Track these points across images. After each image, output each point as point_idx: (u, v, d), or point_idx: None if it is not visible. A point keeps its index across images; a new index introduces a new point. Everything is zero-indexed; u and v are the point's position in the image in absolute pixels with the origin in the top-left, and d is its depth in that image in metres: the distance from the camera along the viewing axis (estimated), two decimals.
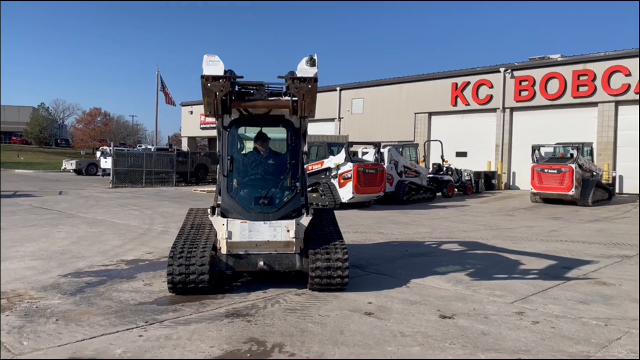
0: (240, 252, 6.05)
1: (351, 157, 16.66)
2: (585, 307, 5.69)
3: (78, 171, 36.97)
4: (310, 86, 5.17)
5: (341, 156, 16.79)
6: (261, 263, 5.99)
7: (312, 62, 5.84)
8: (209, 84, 5.14)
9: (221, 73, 5.91)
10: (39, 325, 4.81)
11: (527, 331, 4.84)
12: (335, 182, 16.35)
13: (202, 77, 5.23)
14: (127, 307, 5.42)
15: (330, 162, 16.89)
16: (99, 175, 34.95)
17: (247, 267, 6.06)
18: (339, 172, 16.28)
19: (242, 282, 6.53)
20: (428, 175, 21.21)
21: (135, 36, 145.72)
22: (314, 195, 15.95)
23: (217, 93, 5.17)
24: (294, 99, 5.28)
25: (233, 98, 5.43)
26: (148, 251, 8.65)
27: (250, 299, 5.76)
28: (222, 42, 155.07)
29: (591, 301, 5.93)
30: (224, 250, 6.04)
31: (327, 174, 16.63)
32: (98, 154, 40.14)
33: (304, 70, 5.95)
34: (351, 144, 17.69)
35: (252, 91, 6.17)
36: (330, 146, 19.36)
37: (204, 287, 5.78)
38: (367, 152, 19.31)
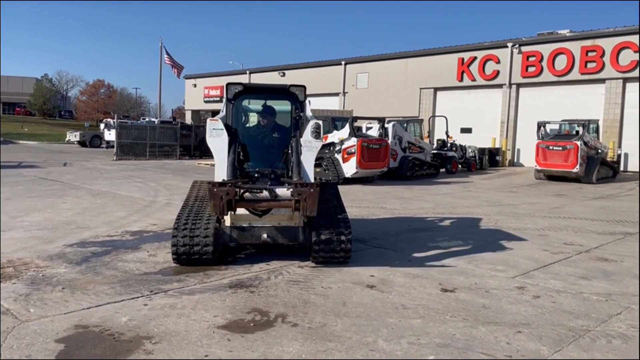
0: (244, 225, 6.08)
1: (355, 132, 16.60)
2: (586, 282, 5.73)
3: (82, 143, 36.99)
4: (312, 190, 5.31)
5: (345, 131, 16.74)
6: (265, 235, 6.02)
7: (316, 134, 6.05)
8: (215, 189, 5.25)
9: (225, 145, 6.08)
10: (46, 293, 4.87)
11: (527, 305, 4.89)
12: (339, 157, 16.32)
13: (209, 183, 5.41)
14: (132, 277, 5.49)
15: (334, 137, 16.83)
16: (102, 147, 34.96)
17: (251, 239, 6.10)
18: (343, 147, 16.24)
19: (245, 254, 6.59)
20: (432, 151, 21.15)
21: (139, 7, 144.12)
22: (317, 169, 15.94)
23: (223, 197, 5.22)
24: (297, 199, 5.39)
25: (238, 197, 5.51)
26: (152, 223, 8.71)
27: (254, 271, 5.82)
28: (225, 14, 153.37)
29: (592, 277, 5.97)
30: (227, 223, 6.08)
31: (331, 148, 16.59)
32: (102, 126, 40.07)
33: (308, 143, 6.03)
34: (355, 118, 17.60)
35: (256, 174, 6.32)
36: (334, 121, 19.29)
37: (208, 259, 5.83)
38: (371, 127, 19.23)
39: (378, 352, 3.77)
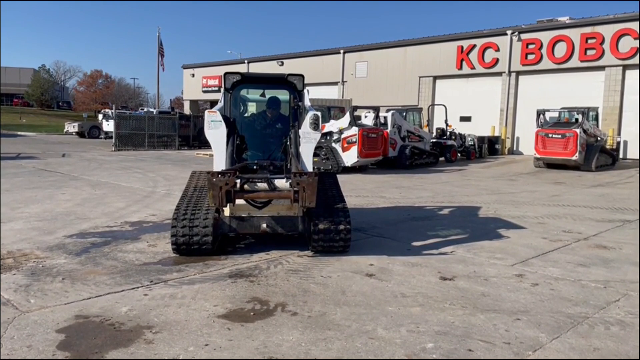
0: (243, 215, 6.08)
1: (355, 121, 16.60)
2: (584, 270, 5.75)
3: (80, 134, 36.92)
4: (311, 180, 5.27)
5: (345, 120, 16.74)
6: (264, 225, 6.02)
7: (315, 126, 6.01)
8: (214, 179, 5.20)
9: (224, 137, 6.02)
10: (46, 284, 4.88)
11: (526, 293, 4.90)
12: (336, 146, 16.32)
13: (208, 173, 5.34)
14: (132, 267, 5.50)
15: (332, 126, 16.81)
16: (101, 138, 34.91)
17: (250, 229, 6.09)
18: (343, 136, 16.22)
19: (245, 244, 6.59)
20: (431, 140, 21.12)
21: None
22: (315, 159, 15.92)
23: (222, 187, 5.19)
24: (295, 189, 5.35)
25: (237, 189, 5.48)
26: (152, 213, 8.71)
27: (253, 260, 5.83)
28: (223, 4, 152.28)
29: (591, 264, 5.98)
30: (227, 213, 6.07)
31: (328, 137, 16.53)
32: (100, 116, 39.98)
33: (307, 135, 5.99)
34: (355, 108, 17.59)
35: (254, 167, 6.27)
36: (329, 110, 19.41)
37: (208, 249, 5.84)
38: (366, 117, 19.23)
39: (377, 340, 3.79)
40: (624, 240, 7.32)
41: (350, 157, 16.10)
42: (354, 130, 16.05)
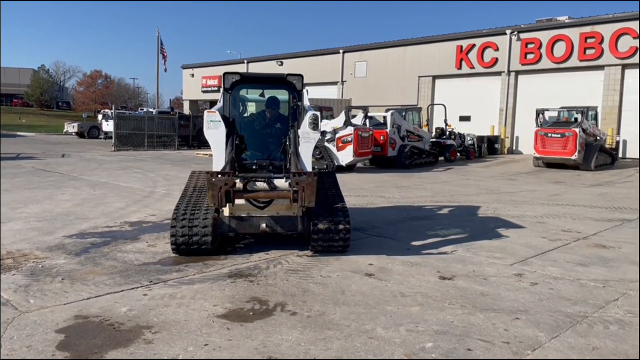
0: (242, 215, 6.08)
1: (350, 121, 16.67)
2: (584, 269, 5.75)
3: (80, 134, 36.90)
4: (310, 179, 5.29)
5: (340, 120, 16.82)
6: (263, 225, 6.01)
7: (314, 126, 6.04)
8: (213, 179, 5.20)
9: (223, 137, 6.02)
10: (45, 284, 4.89)
11: (525, 292, 4.91)
12: (330, 145, 16.38)
13: (207, 172, 5.35)
14: (132, 267, 5.50)
15: (326, 125, 16.82)
16: (101, 138, 34.89)
17: (250, 229, 6.09)
18: (337, 135, 16.29)
19: (244, 244, 6.59)
20: (431, 140, 21.13)
21: None
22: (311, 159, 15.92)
23: (221, 187, 5.19)
24: (295, 189, 5.36)
25: (237, 188, 5.49)
26: (151, 213, 8.71)
27: (253, 260, 5.83)
28: (222, 4, 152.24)
29: (590, 263, 5.99)
30: (226, 213, 6.08)
31: (321, 137, 16.52)
32: (100, 117, 39.97)
33: (306, 135, 6.00)
34: (350, 107, 17.71)
35: (254, 167, 6.26)
36: (320, 110, 19.52)
37: (207, 249, 5.84)
38: (354, 116, 19.27)
39: (376, 339, 3.79)
40: (623, 239, 7.33)
41: (345, 156, 16.18)
42: (350, 130, 16.12)
